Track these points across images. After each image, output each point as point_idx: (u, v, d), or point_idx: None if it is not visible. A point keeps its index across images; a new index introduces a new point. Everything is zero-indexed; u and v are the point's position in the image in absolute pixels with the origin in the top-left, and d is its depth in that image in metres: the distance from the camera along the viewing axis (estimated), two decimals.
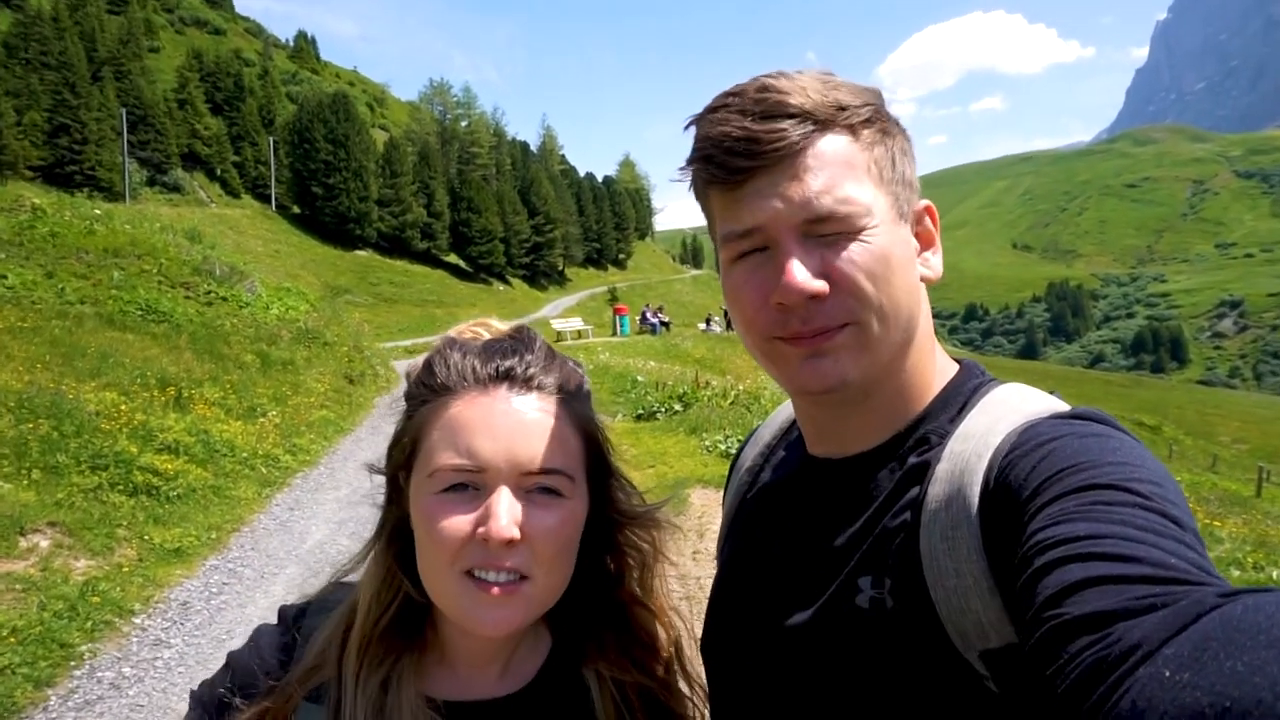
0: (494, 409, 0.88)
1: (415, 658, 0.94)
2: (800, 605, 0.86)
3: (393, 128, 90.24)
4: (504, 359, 0.91)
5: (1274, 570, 5.54)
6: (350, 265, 53.87)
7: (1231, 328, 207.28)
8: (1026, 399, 0.83)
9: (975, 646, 0.72)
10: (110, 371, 9.93)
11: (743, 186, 0.80)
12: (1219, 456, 44.93)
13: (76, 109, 45.61)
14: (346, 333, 19.24)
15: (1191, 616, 0.47)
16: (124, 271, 14.46)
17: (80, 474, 7.28)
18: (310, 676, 0.92)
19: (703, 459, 10.11)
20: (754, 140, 0.78)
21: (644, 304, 46.31)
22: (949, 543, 0.75)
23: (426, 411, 0.90)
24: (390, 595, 0.93)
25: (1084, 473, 0.66)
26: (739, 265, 0.83)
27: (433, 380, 0.91)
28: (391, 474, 0.96)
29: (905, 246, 0.84)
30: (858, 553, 0.83)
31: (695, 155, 0.83)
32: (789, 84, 0.80)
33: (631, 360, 23.60)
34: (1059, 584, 0.57)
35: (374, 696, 0.90)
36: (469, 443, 0.86)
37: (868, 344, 0.81)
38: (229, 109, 62.29)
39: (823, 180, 0.78)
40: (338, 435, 12.25)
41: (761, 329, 0.83)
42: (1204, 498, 15.88)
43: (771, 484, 1.02)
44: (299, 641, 0.97)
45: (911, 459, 0.84)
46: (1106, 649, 0.50)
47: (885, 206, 0.81)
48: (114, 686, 4.75)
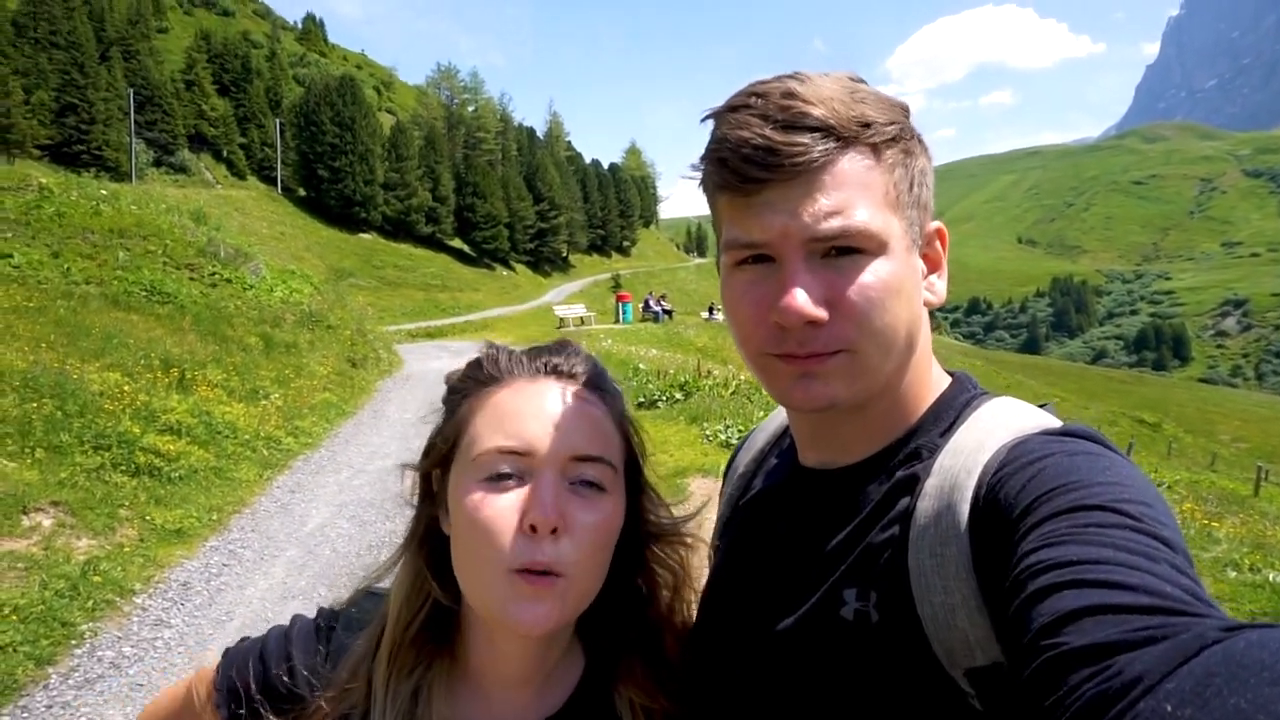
0: (544, 395, 0.89)
1: (445, 666, 0.94)
2: (786, 611, 0.86)
3: (399, 111, 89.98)
4: (551, 356, 0.93)
5: (1270, 572, 5.56)
6: (355, 248, 53.85)
7: (1235, 327, 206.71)
8: (1017, 414, 0.82)
9: (961, 664, 0.72)
10: (114, 352, 9.96)
11: (755, 196, 0.78)
12: (1218, 455, 44.92)
13: (84, 89, 45.58)
14: (350, 316, 19.27)
15: (1193, 650, 0.47)
16: (129, 252, 14.49)
17: (83, 454, 7.32)
18: (344, 697, 0.92)
19: (703, 448, 10.14)
20: (772, 151, 0.75)
21: (647, 291, 46.28)
22: (938, 559, 0.74)
23: (472, 401, 0.91)
24: (420, 599, 0.93)
25: (1074, 492, 0.66)
26: (740, 274, 0.82)
27: (479, 373, 0.93)
28: (427, 471, 0.95)
29: (913, 275, 0.82)
30: (843, 564, 0.83)
31: (710, 155, 0.80)
32: (815, 92, 0.77)
33: (634, 348, 23.62)
34: (1055, 611, 0.56)
35: (404, 705, 0.90)
36: (517, 426, 0.86)
37: (862, 371, 0.80)
38: (236, 91, 62.24)
39: (837, 200, 0.76)
40: (340, 419, 12.29)
41: (757, 344, 0.82)
42: (1203, 496, 15.87)
43: (763, 491, 1.02)
44: (329, 654, 0.97)
45: (900, 472, 0.83)
46: (1107, 682, 0.49)
47: (899, 233, 0.80)
48: (114, 665, 4.80)
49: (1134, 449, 28.09)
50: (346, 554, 6.76)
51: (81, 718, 4.26)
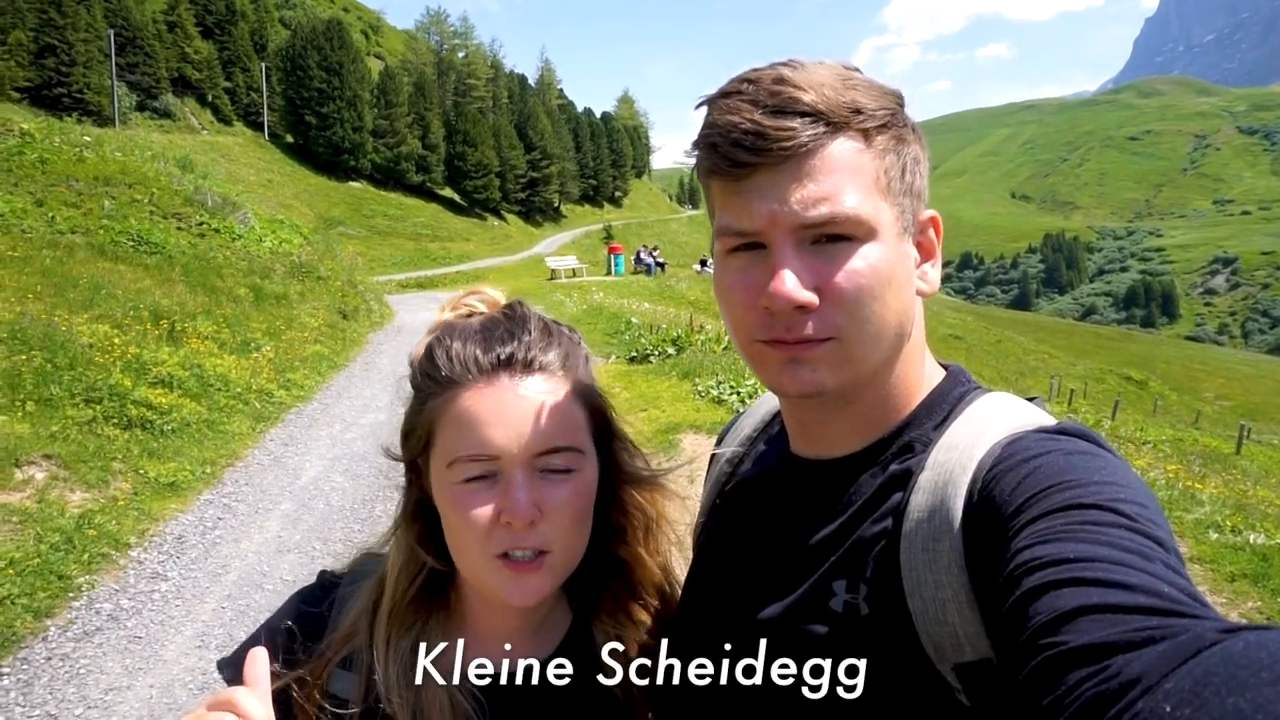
0: (501, 398, 0.90)
1: (442, 620, 0.99)
2: (772, 599, 0.86)
3: (388, 57, 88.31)
4: (503, 345, 0.93)
5: (1251, 534, 5.65)
6: (344, 197, 53.26)
7: (1224, 285, 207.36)
8: (1011, 410, 0.82)
9: (950, 659, 0.72)
10: (103, 303, 9.89)
11: (744, 181, 0.78)
12: (1202, 413, 45.32)
13: (63, 29, 44.42)
14: (340, 267, 19.14)
15: (1191, 651, 0.47)
16: (115, 201, 14.30)
17: (74, 406, 7.30)
18: (344, 644, 0.97)
19: (695, 404, 10.15)
20: (761, 135, 0.75)
21: (639, 243, 46.02)
22: (930, 554, 0.74)
23: (436, 405, 0.93)
24: (415, 569, 0.98)
25: (1069, 491, 0.66)
26: (732, 261, 0.82)
27: (437, 373, 0.93)
28: (409, 460, 0.99)
29: (905, 262, 0.82)
30: (834, 555, 0.83)
31: (701, 140, 0.80)
32: (805, 78, 0.76)
33: (625, 301, 23.56)
34: (1052, 610, 0.57)
35: (405, 657, 0.95)
36: (480, 434, 0.89)
37: (850, 359, 0.80)
38: (220, 33, 60.83)
39: (827, 186, 0.76)
40: (331, 371, 12.28)
41: (748, 330, 0.82)
42: (1186, 454, 16.09)
43: (751, 478, 1.02)
44: (334, 609, 1.01)
45: (894, 466, 0.84)
46: (1105, 682, 0.49)
47: (890, 219, 0.79)
48: (112, 618, 4.85)
49: (1120, 406, 28.35)
50: (341, 508, 6.81)
51: (81, 669, 4.32)
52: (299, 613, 1.01)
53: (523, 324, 0.96)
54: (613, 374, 12.95)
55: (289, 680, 0.94)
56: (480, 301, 1.02)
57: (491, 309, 1.01)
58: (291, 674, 0.95)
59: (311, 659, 0.97)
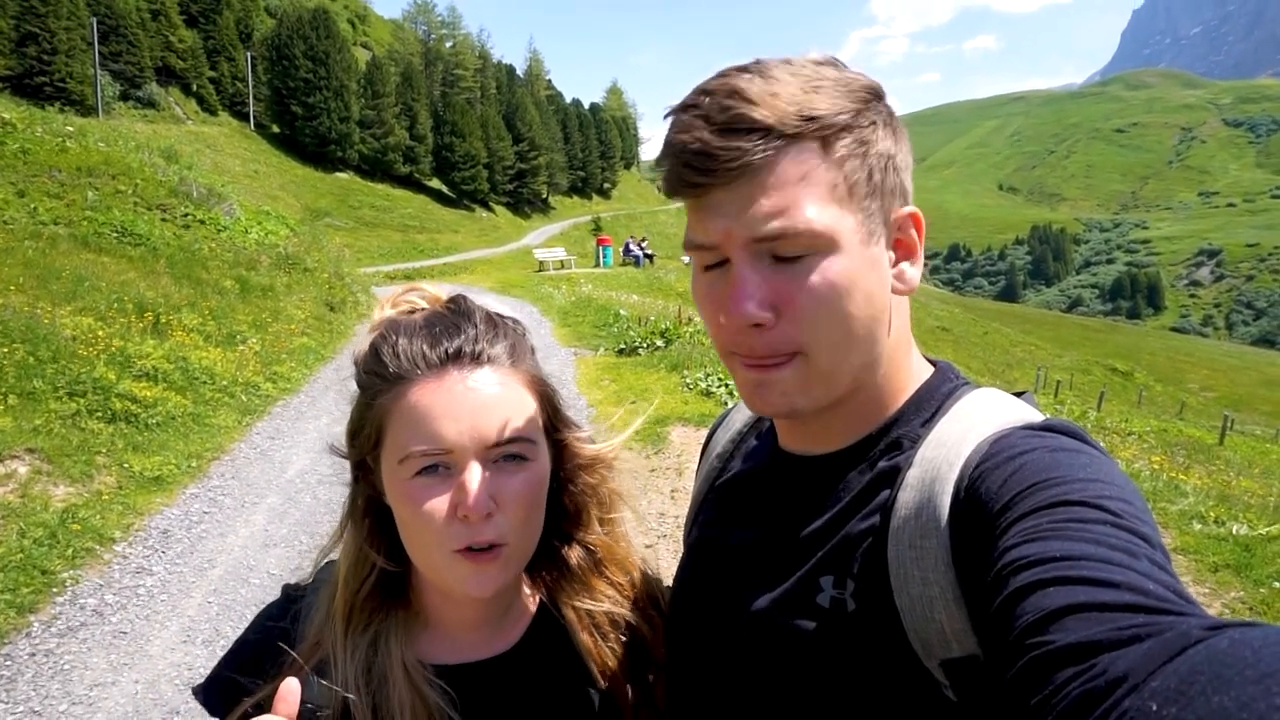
0: (451, 391, 0.90)
1: (400, 617, 0.99)
2: (760, 594, 0.87)
3: (375, 47, 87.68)
4: (450, 339, 0.93)
5: (1234, 524, 5.70)
6: (330, 187, 52.87)
7: (1208, 276, 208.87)
8: (998, 407, 0.82)
9: (937, 655, 0.73)
10: (86, 295, 9.79)
11: (702, 199, 0.78)
12: (1187, 403, 45.68)
13: (45, 17, 43.85)
14: (327, 258, 18.99)
15: (1177, 649, 0.47)
16: (98, 192, 14.14)
17: (58, 400, 7.24)
18: (313, 654, 0.96)
19: (683, 396, 10.16)
20: (709, 155, 0.74)
21: (628, 235, 45.93)
22: (917, 551, 0.75)
23: (385, 402, 0.93)
24: (365, 569, 0.98)
25: (1055, 488, 0.66)
26: (705, 276, 0.83)
27: (385, 370, 0.93)
28: (358, 459, 0.98)
29: (871, 269, 0.80)
30: (821, 551, 0.83)
31: (660, 158, 0.80)
32: (760, 90, 0.75)
33: (614, 293, 23.51)
34: (1039, 609, 0.57)
35: (363, 656, 0.94)
36: (432, 428, 0.89)
37: (816, 375, 0.80)
38: (205, 21, 60.13)
39: (778, 201, 0.74)
40: (318, 363, 12.20)
41: (721, 344, 0.83)
42: (1171, 445, 16.22)
43: (741, 473, 1.03)
44: (298, 621, 1.01)
45: (882, 463, 0.84)
46: (1092, 681, 0.49)
47: (851, 226, 0.77)
48: (97, 613, 4.81)
49: (1105, 397, 28.53)
50: (328, 501, 6.77)
51: (65, 665, 4.29)
52: (264, 629, 1.01)
53: (468, 317, 0.96)
54: (602, 366, 12.94)
55: (263, 696, 0.93)
56: (421, 298, 1.02)
57: (433, 305, 1.01)
58: (268, 688, 0.94)
59: (283, 672, 0.95)
